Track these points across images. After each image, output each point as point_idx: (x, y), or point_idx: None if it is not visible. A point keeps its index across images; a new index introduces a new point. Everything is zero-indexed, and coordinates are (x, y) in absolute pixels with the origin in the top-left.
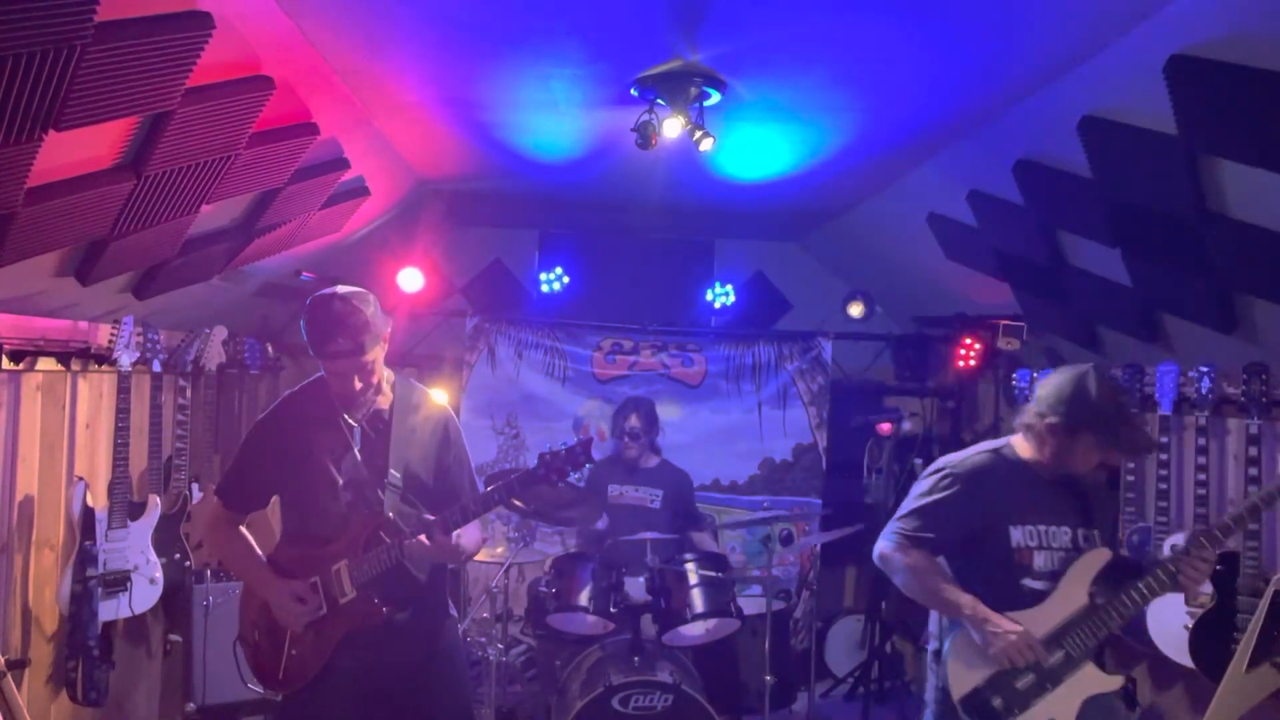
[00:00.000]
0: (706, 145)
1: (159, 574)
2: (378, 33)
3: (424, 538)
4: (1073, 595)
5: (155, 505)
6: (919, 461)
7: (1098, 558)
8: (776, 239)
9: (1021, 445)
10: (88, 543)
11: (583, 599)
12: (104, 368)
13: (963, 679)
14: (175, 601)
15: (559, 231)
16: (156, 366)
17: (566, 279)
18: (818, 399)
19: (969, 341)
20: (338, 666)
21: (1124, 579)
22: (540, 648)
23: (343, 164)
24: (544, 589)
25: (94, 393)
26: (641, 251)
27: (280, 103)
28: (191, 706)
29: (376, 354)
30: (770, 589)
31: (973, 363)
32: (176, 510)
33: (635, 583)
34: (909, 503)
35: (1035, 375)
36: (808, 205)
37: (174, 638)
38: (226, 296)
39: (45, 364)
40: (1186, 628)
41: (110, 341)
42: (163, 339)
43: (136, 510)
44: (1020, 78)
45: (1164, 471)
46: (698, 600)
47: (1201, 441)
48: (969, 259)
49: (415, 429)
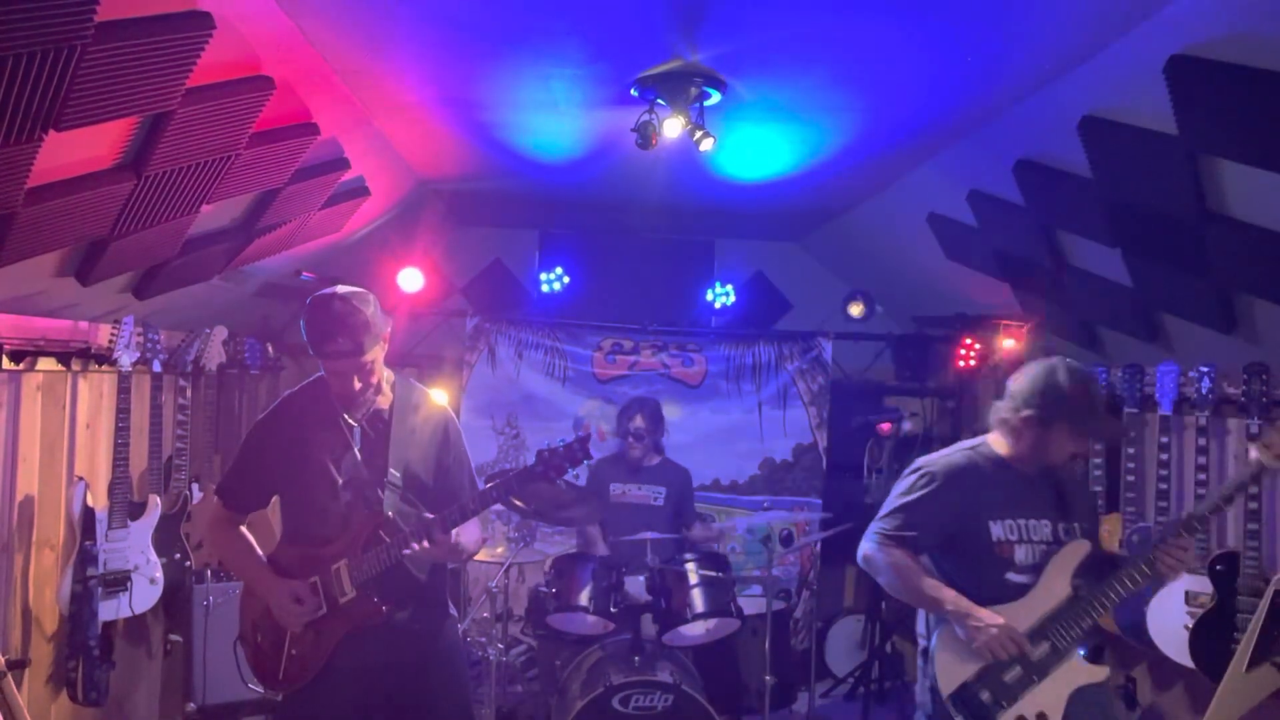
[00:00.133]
0: (706, 145)
1: (159, 574)
2: (378, 33)
3: (424, 543)
4: (1055, 587)
5: (155, 505)
6: None
7: (1078, 549)
8: (776, 239)
9: (998, 442)
10: (88, 543)
11: (583, 599)
12: (104, 368)
13: (950, 674)
14: (175, 601)
15: (559, 231)
16: (157, 366)
17: (567, 279)
18: (818, 399)
19: (969, 341)
20: (338, 666)
21: (1105, 571)
22: (540, 648)
23: (343, 164)
24: (544, 589)
25: (94, 393)
26: (642, 251)
27: (280, 103)
28: (192, 706)
29: (376, 354)
30: (770, 589)
31: (973, 363)
32: (177, 510)
33: (635, 582)
34: (890, 503)
35: None
36: (808, 205)
37: (174, 638)
38: (226, 296)
39: (45, 364)
40: (1186, 628)
41: (110, 341)
42: (163, 339)
43: (137, 510)
44: (1020, 78)
45: (1164, 472)
46: (698, 600)
47: (1202, 441)
48: (969, 259)
49: (415, 429)
